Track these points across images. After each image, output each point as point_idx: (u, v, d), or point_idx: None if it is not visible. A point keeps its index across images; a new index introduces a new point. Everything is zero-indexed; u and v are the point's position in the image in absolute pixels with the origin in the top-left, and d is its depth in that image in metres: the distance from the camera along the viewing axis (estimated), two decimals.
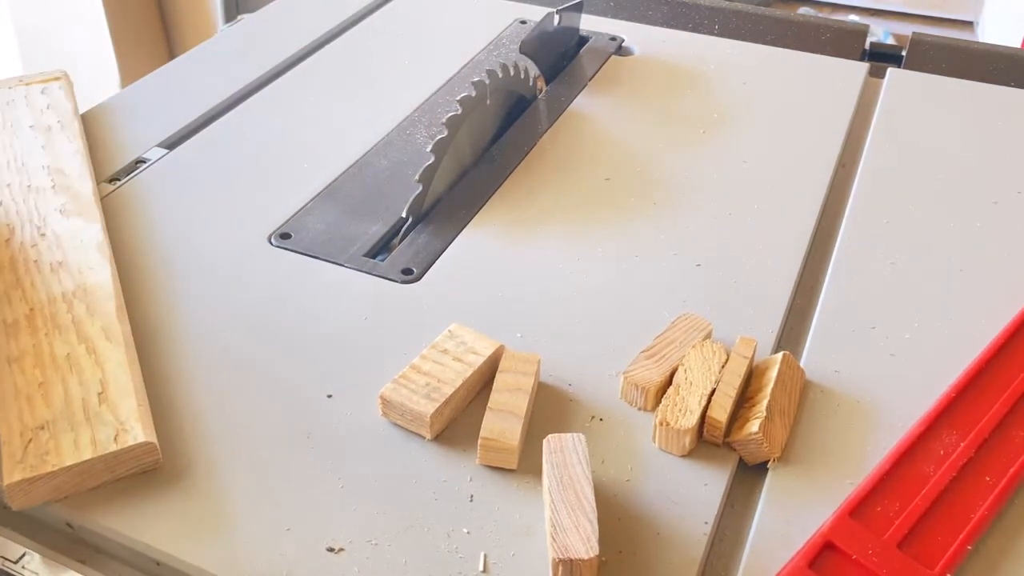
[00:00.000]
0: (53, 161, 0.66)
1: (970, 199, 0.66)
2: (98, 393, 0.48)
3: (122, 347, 0.51)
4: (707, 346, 0.51)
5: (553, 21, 0.80)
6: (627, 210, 0.65)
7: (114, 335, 0.51)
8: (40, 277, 0.55)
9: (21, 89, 0.74)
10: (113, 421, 0.46)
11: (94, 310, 0.53)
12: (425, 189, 0.63)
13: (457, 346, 0.51)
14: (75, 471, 0.44)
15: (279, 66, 0.83)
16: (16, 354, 0.50)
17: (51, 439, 0.45)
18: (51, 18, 1.84)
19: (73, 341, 0.51)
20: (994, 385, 0.49)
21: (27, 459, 0.44)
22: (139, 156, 0.71)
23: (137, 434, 0.45)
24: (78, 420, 0.46)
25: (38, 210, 0.61)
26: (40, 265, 0.56)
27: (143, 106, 0.77)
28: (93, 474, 0.45)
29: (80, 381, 0.48)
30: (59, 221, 0.60)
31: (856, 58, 0.85)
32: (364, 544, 0.43)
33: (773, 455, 0.47)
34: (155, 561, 0.43)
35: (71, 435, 0.45)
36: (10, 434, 0.46)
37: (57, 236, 0.59)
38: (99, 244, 0.58)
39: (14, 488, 0.43)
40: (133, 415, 0.46)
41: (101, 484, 0.45)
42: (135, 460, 0.45)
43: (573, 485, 0.43)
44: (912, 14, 1.96)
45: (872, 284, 0.58)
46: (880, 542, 0.42)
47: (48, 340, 0.51)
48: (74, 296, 0.54)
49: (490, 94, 0.69)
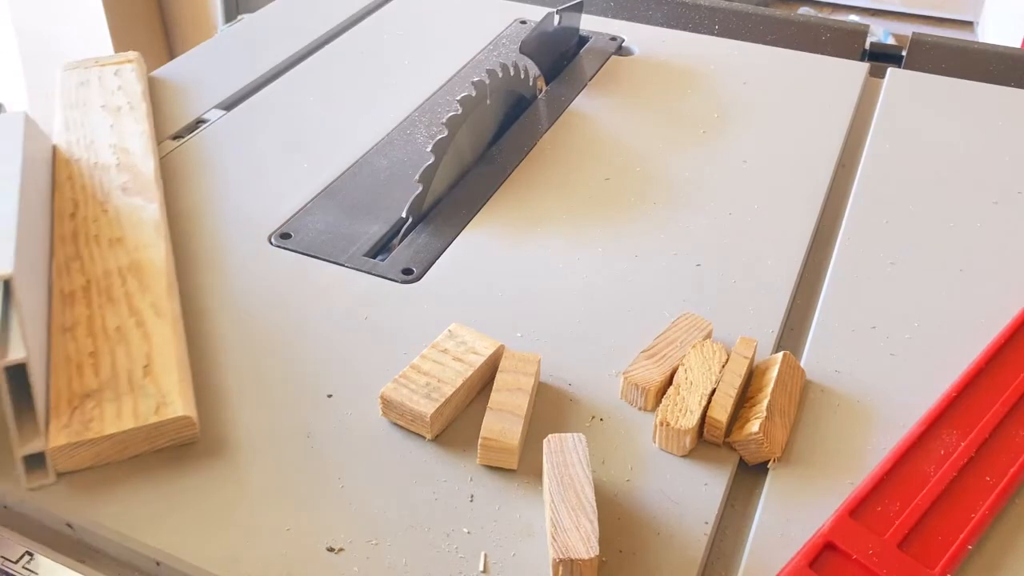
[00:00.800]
0: (119, 140, 0.68)
1: (970, 199, 0.66)
2: (143, 366, 0.49)
3: (169, 323, 0.52)
4: (707, 346, 0.51)
5: (553, 21, 0.80)
6: (627, 210, 0.65)
7: (163, 311, 0.53)
8: (99, 251, 0.57)
9: (95, 70, 0.76)
10: (156, 393, 0.48)
11: (146, 286, 0.55)
12: (425, 189, 0.63)
13: (457, 346, 0.51)
14: (116, 439, 0.46)
15: (279, 66, 0.83)
16: (70, 323, 0.52)
17: (96, 407, 0.47)
18: (51, 18, 1.85)
19: (124, 314, 0.53)
20: (994, 385, 0.49)
21: (72, 424, 0.46)
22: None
23: (177, 408, 0.47)
24: (123, 390, 0.48)
25: (102, 187, 0.63)
26: (99, 240, 0.58)
27: None
28: (133, 443, 0.47)
29: (128, 353, 0.50)
30: (120, 198, 0.62)
31: (856, 58, 0.85)
32: (364, 544, 0.43)
33: (773, 455, 0.47)
34: (155, 561, 0.43)
35: (115, 404, 0.47)
36: (58, 400, 0.48)
37: (118, 213, 0.61)
38: (156, 223, 0.60)
39: (58, 452, 0.45)
40: (175, 389, 0.48)
41: (140, 454, 0.47)
42: (174, 432, 0.47)
43: (573, 485, 0.43)
44: (912, 14, 1.96)
45: (872, 284, 0.58)
46: (880, 542, 0.42)
47: (101, 312, 0.53)
48: (128, 271, 0.56)
49: (490, 94, 0.69)
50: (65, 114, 0.71)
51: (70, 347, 0.51)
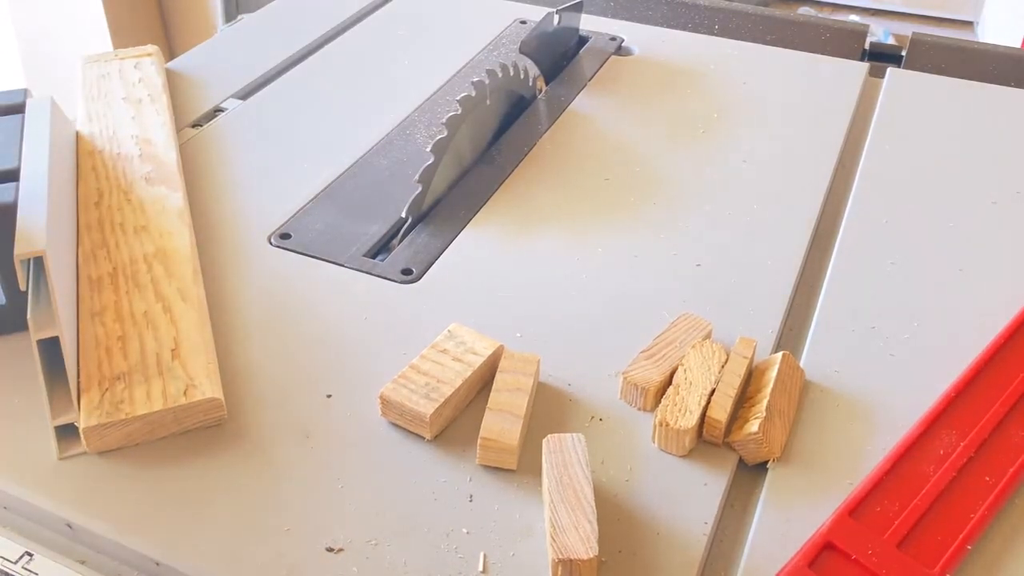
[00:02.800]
0: (141, 132, 0.69)
1: (970, 199, 0.66)
2: (171, 349, 0.51)
3: (196, 308, 0.54)
4: (707, 346, 0.51)
5: (553, 21, 0.80)
6: (627, 210, 0.65)
7: (189, 296, 0.54)
8: (124, 239, 0.59)
9: (116, 63, 0.78)
10: (184, 376, 0.49)
11: (172, 272, 0.56)
12: (425, 189, 0.63)
13: (457, 346, 0.51)
14: (146, 420, 0.47)
15: (279, 66, 0.83)
16: (99, 308, 0.53)
17: (126, 389, 0.48)
18: (51, 19, 1.85)
19: (151, 299, 0.54)
20: (994, 385, 0.49)
21: (103, 406, 0.47)
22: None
23: (205, 390, 0.48)
24: (152, 373, 0.49)
25: (125, 176, 0.64)
26: (124, 228, 0.60)
27: None
28: (163, 424, 0.48)
29: (155, 337, 0.51)
30: (144, 188, 0.63)
31: (856, 58, 0.85)
32: (364, 544, 0.43)
33: (773, 455, 0.47)
34: (155, 561, 0.43)
35: (144, 387, 0.48)
36: (89, 382, 0.49)
37: (141, 202, 0.62)
38: (180, 211, 0.61)
39: (91, 432, 0.46)
40: (203, 372, 0.49)
41: (169, 435, 0.48)
42: (202, 414, 0.48)
43: (573, 485, 0.43)
44: (912, 14, 1.96)
45: (872, 284, 0.58)
46: (880, 542, 0.42)
47: (128, 297, 0.54)
48: (154, 258, 0.57)
49: (490, 94, 0.69)
50: (87, 106, 0.72)
51: (99, 331, 0.52)
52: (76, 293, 0.54)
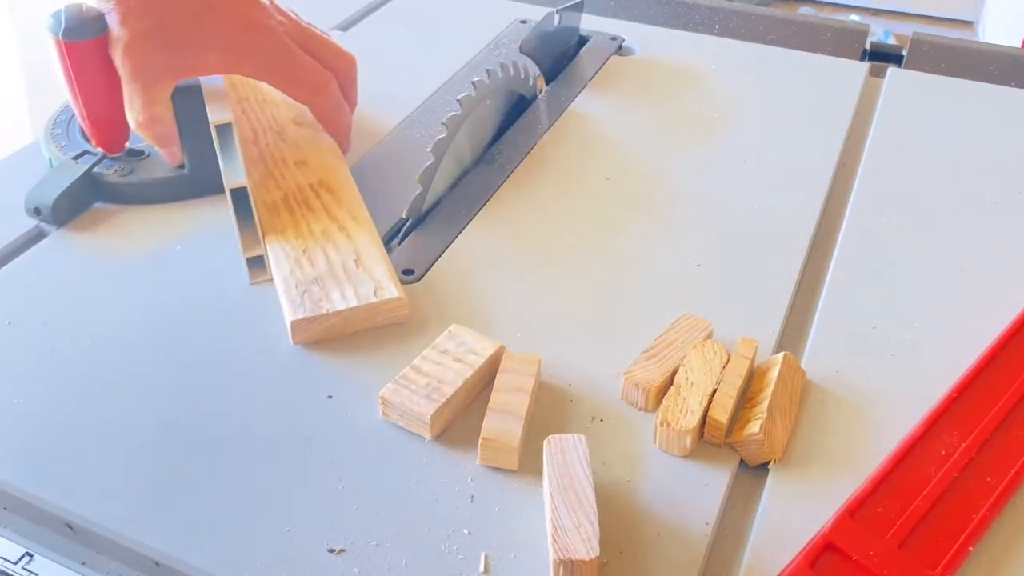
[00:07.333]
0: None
1: (970, 199, 0.66)
2: (354, 260, 0.56)
3: (367, 228, 0.59)
4: (708, 346, 0.51)
5: (553, 21, 0.80)
6: (627, 210, 0.65)
7: (361, 218, 0.59)
8: (288, 171, 0.63)
9: None
10: (370, 280, 0.54)
11: (339, 199, 0.61)
12: (425, 189, 0.63)
13: (457, 346, 0.51)
14: (343, 316, 0.53)
15: None
16: (279, 228, 0.58)
17: (321, 290, 0.54)
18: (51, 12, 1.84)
19: (325, 220, 0.59)
20: (995, 385, 0.49)
21: (305, 303, 0.53)
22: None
23: (392, 291, 0.54)
24: (340, 278, 0.55)
25: (275, 119, 0.68)
26: (286, 161, 0.64)
27: None
28: (356, 320, 0.53)
29: (337, 250, 0.57)
30: (295, 130, 0.67)
31: (856, 58, 0.85)
32: (365, 545, 0.43)
33: (774, 455, 0.47)
34: (155, 562, 0.43)
35: (337, 289, 0.54)
36: (287, 284, 0.54)
37: (296, 140, 0.66)
38: (334, 149, 0.66)
39: (298, 324, 0.52)
40: (387, 276, 0.55)
41: (360, 331, 0.53)
42: (390, 312, 0.54)
43: (574, 486, 0.43)
44: (912, 14, 1.96)
45: (872, 284, 0.58)
46: (881, 543, 0.42)
47: (305, 219, 0.59)
48: (320, 187, 0.62)
49: (490, 94, 0.69)
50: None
51: (284, 246, 0.57)
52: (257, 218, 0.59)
